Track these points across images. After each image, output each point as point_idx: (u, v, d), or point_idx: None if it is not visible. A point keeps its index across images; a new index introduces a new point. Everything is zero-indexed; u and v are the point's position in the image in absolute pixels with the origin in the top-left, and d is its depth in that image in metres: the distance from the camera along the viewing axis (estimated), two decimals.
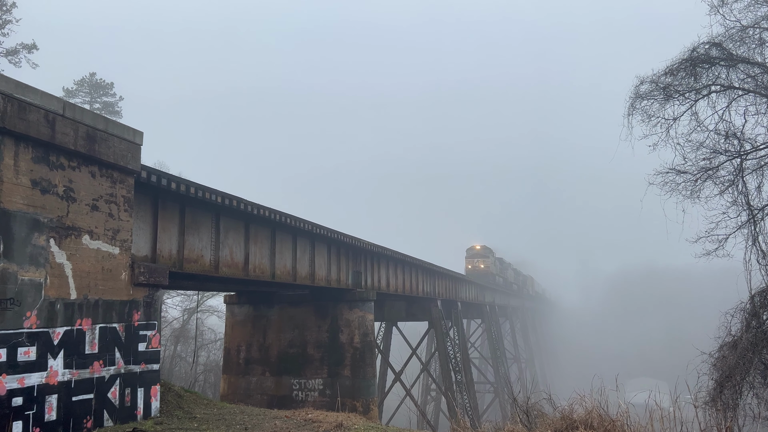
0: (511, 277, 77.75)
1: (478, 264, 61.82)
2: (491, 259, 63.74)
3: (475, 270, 60.18)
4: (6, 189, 8.67)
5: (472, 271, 59.92)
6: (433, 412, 49.30)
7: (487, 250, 64.33)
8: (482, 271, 60.52)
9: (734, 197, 13.96)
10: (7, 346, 8.54)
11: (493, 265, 64.12)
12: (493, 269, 63.81)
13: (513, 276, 80.00)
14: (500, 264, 69.51)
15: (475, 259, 62.56)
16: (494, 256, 65.57)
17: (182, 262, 13.84)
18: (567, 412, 8.96)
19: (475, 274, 56.45)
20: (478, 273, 59.10)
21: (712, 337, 13.50)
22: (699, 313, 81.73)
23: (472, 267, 61.16)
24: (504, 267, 72.63)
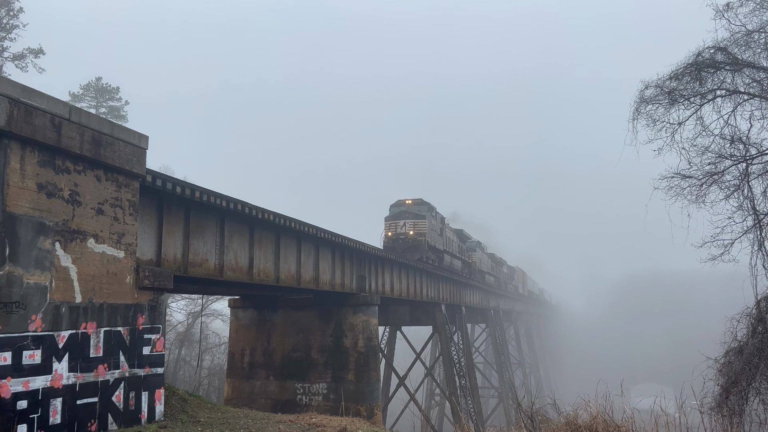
0: (484, 264, 52.42)
1: (404, 230, 33.74)
2: (431, 224, 35.31)
3: (397, 239, 33.22)
4: (12, 193, 8.71)
5: (393, 240, 33.17)
6: (437, 417, 49.18)
7: (424, 206, 35.71)
8: (412, 242, 33.10)
9: (740, 202, 13.90)
10: (12, 350, 8.56)
11: (437, 235, 36.47)
12: (436, 241, 35.93)
13: (487, 263, 54.84)
14: (456, 237, 43.50)
15: (400, 222, 34.15)
16: (439, 220, 37.85)
17: (187, 266, 13.86)
18: (572, 418, 8.92)
19: (400, 247, 32.30)
20: (405, 244, 32.86)
21: (718, 343, 13.43)
22: (704, 319, 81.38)
23: (393, 234, 33.61)
24: (466, 244, 47.62)
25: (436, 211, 36.68)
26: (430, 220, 34.62)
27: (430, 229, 34.40)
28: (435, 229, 35.68)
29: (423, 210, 34.74)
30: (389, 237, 33.05)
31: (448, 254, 38.82)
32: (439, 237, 36.72)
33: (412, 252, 32.16)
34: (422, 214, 33.93)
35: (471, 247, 48.95)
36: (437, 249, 35.89)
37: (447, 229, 39.81)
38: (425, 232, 32.96)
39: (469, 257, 46.89)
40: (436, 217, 36.73)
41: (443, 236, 37.84)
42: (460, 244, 44.27)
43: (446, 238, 38.64)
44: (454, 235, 43.53)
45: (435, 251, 35.54)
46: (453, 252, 40.62)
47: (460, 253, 43.36)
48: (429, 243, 33.54)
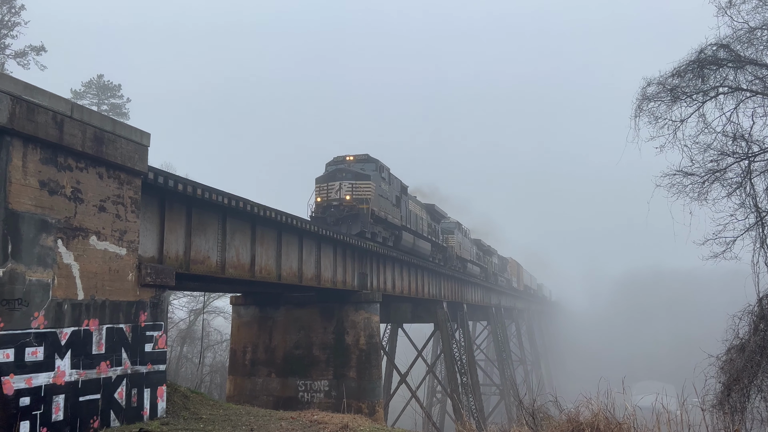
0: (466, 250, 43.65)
1: (338, 194, 24.87)
2: (380, 189, 26.38)
3: (328, 206, 24.61)
4: (14, 190, 8.73)
5: (324, 209, 24.64)
6: (438, 414, 49.22)
7: (371, 164, 26.51)
8: (349, 211, 24.38)
9: (742, 199, 13.89)
10: (15, 347, 8.59)
11: (390, 204, 27.62)
12: (388, 212, 27.08)
13: (471, 250, 46.04)
14: (426, 213, 34.72)
15: (333, 184, 25.22)
16: (396, 186, 29.06)
17: (189, 263, 13.88)
18: (573, 415, 8.93)
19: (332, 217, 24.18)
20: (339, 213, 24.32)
21: (720, 340, 13.43)
22: (706, 316, 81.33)
23: (323, 200, 24.96)
24: (441, 224, 38.51)
25: (390, 174, 27.30)
26: (378, 183, 25.23)
27: (378, 195, 25.11)
28: (387, 197, 26.44)
29: (368, 169, 25.08)
30: (318, 204, 23.77)
31: (409, 232, 29.53)
32: (394, 208, 27.51)
33: (349, 224, 23.26)
34: (366, 173, 24.50)
35: (448, 228, 39.56)
36: (391, 223, 26.58)
37: (410, 201, 31.05)
38: (369, 197, 23.78)
39: (445, 240, 38.03)
40: (390, 182, 27.34)
41: (402, 208, 28.79)
42: (431, 223, 35.28)
43: (407, 212, 29.91)
44: (423, 210, 34.01)
45: (386, 225, 26.35)
46: (419, 231, 31.72)
47: (431, 234, 34.41)
48: (376, 213, 24.48)
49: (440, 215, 39.11)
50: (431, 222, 35.93)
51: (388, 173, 27.79)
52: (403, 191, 29.98)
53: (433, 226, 36.12)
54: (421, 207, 34.49)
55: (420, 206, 34.31)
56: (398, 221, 28.21)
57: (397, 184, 29.00)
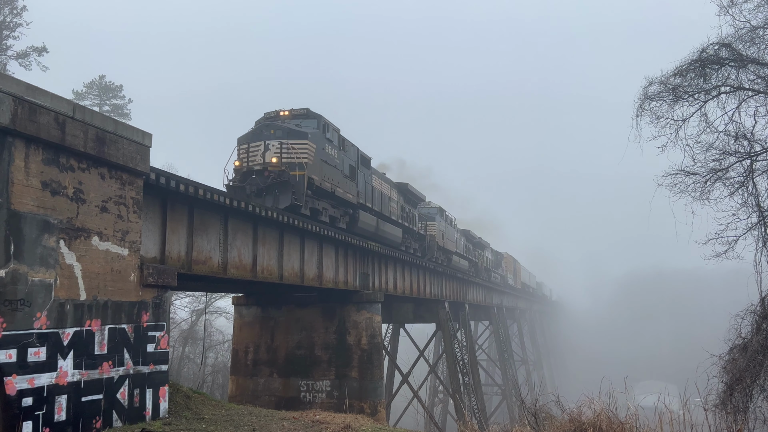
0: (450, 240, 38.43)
1: (263, 157, 18.53)
2: (322, 152, 20.20)
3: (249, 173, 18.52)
4: (16, 191, 8.74)
5: (243, 175, 18.57)
6: (440, 414, 49.22)
7: (311, 121, 20.36)
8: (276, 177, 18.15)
9: (744, 199, 13.87)
10: (18, 347, 8.60)
11: (340, 175, 21.69)
12: (337, 182, 21.16)
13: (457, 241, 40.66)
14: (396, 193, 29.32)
15: (256, 144, 18.79)
16: (353, 154, 23.59)
17: (191, 263, 13.89)
18: (575, 415, 8.93)
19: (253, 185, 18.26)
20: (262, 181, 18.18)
21: (722, 340, 13.42)
22: (708, 316, 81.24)
23: (242, 165, 18.72)
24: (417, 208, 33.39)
25: (341, 138, 22.00)
26: (320, 144, 19.62)
27: (321, 160, 19.61)
28: (335, 165, 20.79)
29: (307, 126, 19.53)
30: (236, 170, 18.53)
31: (370, 213, 24.25)
32: (347, 180, 21.86)
33: (276, 195, 17.91)
34: (302, 131, 18.81)
35: (427, 214, 34.32)
36: (341, 199, 21.16)
37: (374, 176, 25.61)
38: (306, 161, 18.24)
39: (424, 227, 32.96)
40: (342, 147, 21.87)
41: (359, 181, 23.36)
42: (405, 207, 29.68)
43: (368, 188, 24.44)
44: (393, 190, 28.36)
45: (336, 201, 21.00)
46: (386, 213, 26.13)
47: (404, 219, 28.96)
48: (316, 183, 18.94)
49: (417, 198, 32.37)
50: (405, 205, 30.05)
51: (337, 136, 21.58)
52: (362, 162, 24.25)
53: (407, 210, 30.30)
54: (390, 186, 28.33)
55: (389, 185, 28.18)
56: (353, 197, 22.29)
57: (353, 152, 23.20)
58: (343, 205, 21.94)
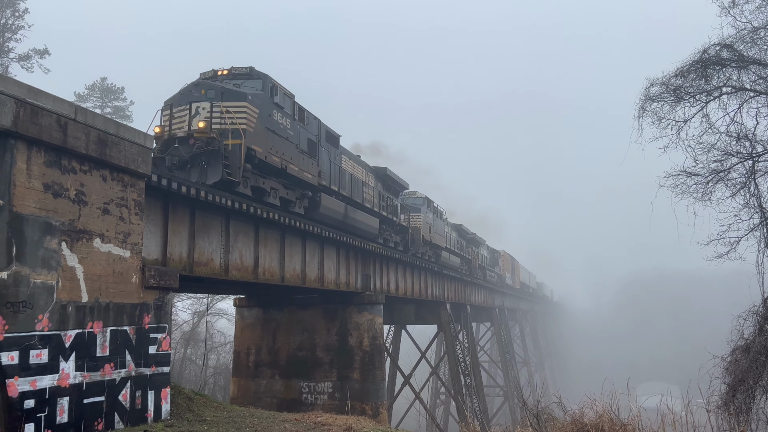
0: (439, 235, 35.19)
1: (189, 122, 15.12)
2: (268, 119, 16.52)
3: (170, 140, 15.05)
4: (19, 193, 8.75)
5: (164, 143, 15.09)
6: (442, 416, 49.19)
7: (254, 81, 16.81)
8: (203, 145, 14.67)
9: (746, 199, 13.86)
10: (20, 349, 8.61)
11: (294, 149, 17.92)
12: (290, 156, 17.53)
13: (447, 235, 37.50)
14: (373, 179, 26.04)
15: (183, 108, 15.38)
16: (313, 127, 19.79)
17: (192, 265, 13.90)
18: (577, 416, 8.92)
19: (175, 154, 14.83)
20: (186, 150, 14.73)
21: (724, 341, 13.40)
22: (710, 317, 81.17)
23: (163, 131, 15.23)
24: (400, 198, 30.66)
25: (296, 105, 18.45)
26: (266, 110, 16.46)
27: (266, 128, 16.36)
28: (287, 137, 17.46)
29: (249, 87, 16.37)
30: (157, 138, 15.23)
31: (337, 197, 21.07)
32: (304, 157, 18.41)
33: (203, 167, 14.86)
34: (241, 92, 15.78)
35: (412, 205, 31.31)
36: (297, 179, 17.94)
37: (344, 157, 22.47)
38: (242, 127, 15.11)
39: (407, 219, 30.01)
40: (299, 118, 18.53)
41: (322, 160, 20.05)
42: (384, 194, 26.52)
43: (335, 169, 21.24)
44: (369, 175, 25.19)
45: (290, 181, 17.78)
46: (356, 198, 22.88)
47: (383, 208, 25.83)
48: (259, 155, 15.75)
49: (399, 185, 28.79)
50: (385, 193, 26.69)
51: (291, 103, 17.95)
52: (329, 140, 20.83)
53: (387, 198, 26.85)
54: (366, 170, 24.81)
55: (364, 169, 24.68)
56: (312, 177, 18.72)
57: (314, 125, 19.59)
58: (299, 186, 18.37)
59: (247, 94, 15.77)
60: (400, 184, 29.17)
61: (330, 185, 20.55)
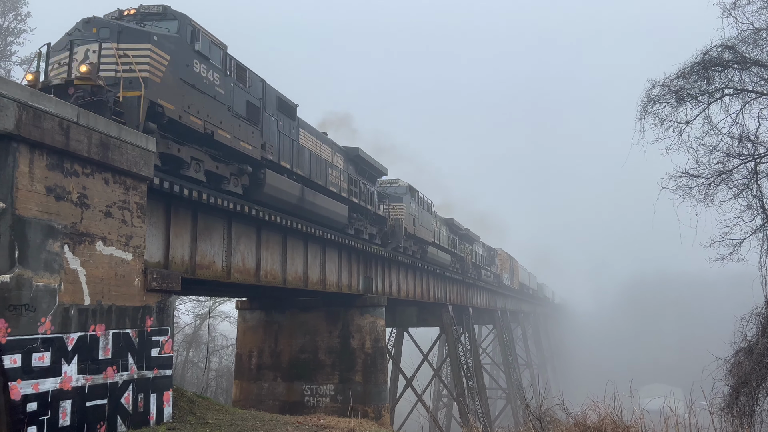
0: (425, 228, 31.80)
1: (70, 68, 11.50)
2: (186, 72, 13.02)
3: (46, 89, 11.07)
4: (21, 196, 8.77)
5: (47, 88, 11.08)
6: (444, 418, 49.14)
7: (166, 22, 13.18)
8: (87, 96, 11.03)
9: (749, 201, 13.83)
10: (22, 352, 8.61)
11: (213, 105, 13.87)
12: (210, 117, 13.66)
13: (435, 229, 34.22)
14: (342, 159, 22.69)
15: (65, 53, 11.80)
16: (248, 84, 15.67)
17: (194, 268, 13.91)
18: (580, 419, 8.91)
19: None
20: None
21: (727, 343, 13.36)
22: (713, 319, 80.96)
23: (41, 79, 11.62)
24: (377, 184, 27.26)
25: (226, 55, 14.99)
26: (178, 55, 13.15)
27: (179, 79, 13.08)
28: (211, 92, 14.06)
29: (157, 29, 13.11)
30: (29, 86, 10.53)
31: (289, 176, 17.68)
32: (240, 122, 15.19)
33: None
34: (144, 31, 12.63)
35: (393, 194, 28.33)
36: (229, 147, 14.69)
37: (300, 129, 19.03)
38: (144, 74, 11.94)
39: (387, 209, 26.66)
40: (223, 68, 14.79)
41: (267, 128, 16.61)
42: (355, 179, 23.05)
43: (287, 141, 17.73)
44: (337, 156, 22.03)
45: (214, 148, 14.44)
46: (318, 180, 19.39)
47: (351, 194, 22.23)
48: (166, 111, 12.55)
49: (375, 170, 25.61)
50: (358, 178, 23.46)
51: (222, 54, 14.73)
52: (280, 108, 17.52)
53: (361, 184, 23.60)
54: (333, 150, 21.71)
55: (331, 148, 21.51)
56: (253, 149, 15.46)
57: (257, 87, 16.20)
58: (234, 158, 15.11)
59: (153, 34, 12.45)
60: (377, 168, 25.81)
61: (279, 161, 17.07)
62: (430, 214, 33.84)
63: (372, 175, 25.71)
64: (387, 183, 29.59)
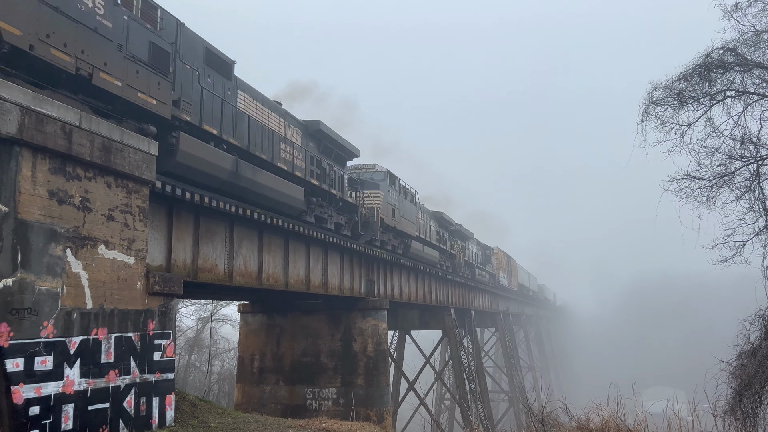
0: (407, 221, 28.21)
1: None
2: None
3: None
4: (24, 200, 8.79)
5: None
6: (447, 422, 49.04)
7: None
8: None
9: (751, 203, 13.81)
10: (25, 356, 8.62)
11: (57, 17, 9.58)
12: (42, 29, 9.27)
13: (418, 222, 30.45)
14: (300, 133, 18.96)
15: None
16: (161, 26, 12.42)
17: (196, 271, 13.92)
18: (583, 422, 8.89)
19: None
20: None
21: (730, 345, 13.33)
22: (716, 321, 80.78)
23: None
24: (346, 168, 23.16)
25: None
26: None
27: None
28: (89, 21, 10.49)
29: None
30: None
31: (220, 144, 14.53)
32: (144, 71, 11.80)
33: None
34: None
35: (369, 180, 25.04)
36: (123, 99, 11.27)
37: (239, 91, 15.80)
38: None
39: (359, 197, 23.55)
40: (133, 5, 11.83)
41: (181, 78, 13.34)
42: (317, 158, 19.75)
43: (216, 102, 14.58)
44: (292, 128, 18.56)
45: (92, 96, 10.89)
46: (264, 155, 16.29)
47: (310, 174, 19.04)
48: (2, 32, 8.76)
49: (344, 150, 22.16)
50: (319, 157, 20.06)
51: None
52: (208, 62, 14.48)
53: (325, 165, 20.38)
54: (287, 122, 18.32)
55: (284, 119, 18.17)
56: (159, 104, 12.23)
57: (170, 28, 13.15)
58: (131, 115, 11.77)
59: None
60: (347, 148, 22.22)
61: (202, 124, 13.73)
62: (414, 205, 30.24)
63: (340, 156, 22.21)
64: (362, 168, 26.16)
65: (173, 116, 12.68)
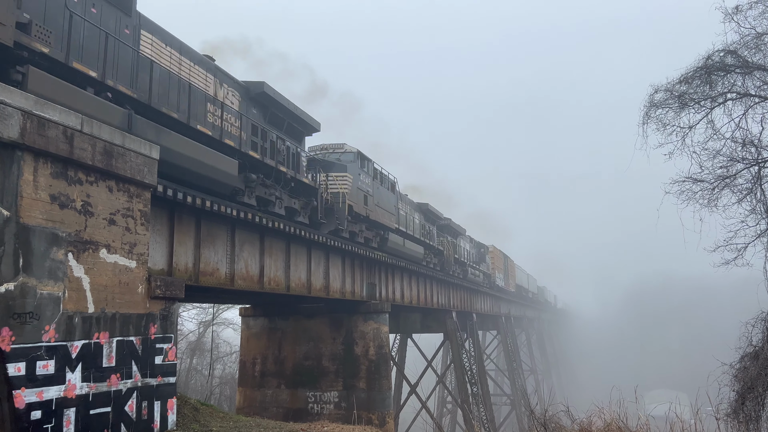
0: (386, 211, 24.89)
1: None
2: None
3: None
4: (25, 204, 8.80)
5: None
6: (449, 425, 48.95)
7: None
8: None
9: (753, 205, 13.80)
10: (26, 360, 8.62)
11: None
12: None
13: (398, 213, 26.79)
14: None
15: None
16: None
17: (198, 275, 13.93)
18: (585, 425, 8.87)
19: None
20: None
21: (733, 348, 13.31)
22: (718, 324, 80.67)
23: None
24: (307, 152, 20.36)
25: None
26: None
27: None
28: None
29: None
30: None
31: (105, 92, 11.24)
32: None
33: None
34: None
35: (336, 161, 22.07)
36: None
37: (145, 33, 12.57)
38: None
39: (323, 180, 20.27)
40: None
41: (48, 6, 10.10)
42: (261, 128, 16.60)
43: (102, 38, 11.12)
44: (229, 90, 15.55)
45: None
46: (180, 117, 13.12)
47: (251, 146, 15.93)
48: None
49: (299, 121, 19.04)
50: (266, 127, 17.00)
51: None
52: None
53: (273, 137, 17.19)
54: (219, 80, 15.24)
55: (213, 76, 15.03)
56: None
57: None
58: None
59: None
60: (303, 120, 19.05)
61: (69, 61, 10.48)
62: (393, 194, 26.61)
63: (295, 129, 18.94)
64: (329, 148, 23.15)
65: (17, 43, 9.42)
